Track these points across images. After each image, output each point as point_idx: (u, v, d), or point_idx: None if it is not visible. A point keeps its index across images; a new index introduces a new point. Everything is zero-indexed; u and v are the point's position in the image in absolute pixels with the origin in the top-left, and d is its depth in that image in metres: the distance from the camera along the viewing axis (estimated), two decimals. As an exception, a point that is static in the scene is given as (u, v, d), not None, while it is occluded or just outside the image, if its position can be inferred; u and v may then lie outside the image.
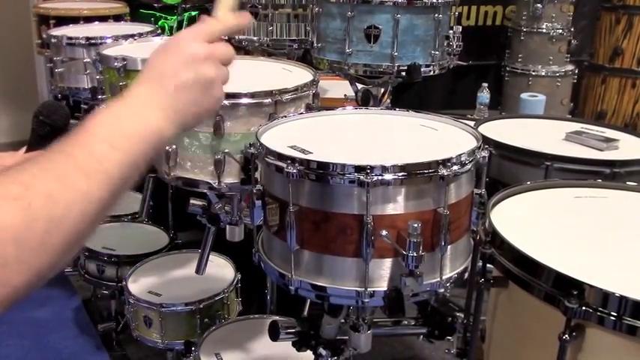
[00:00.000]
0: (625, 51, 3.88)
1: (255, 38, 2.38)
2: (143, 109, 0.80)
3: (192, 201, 1.80)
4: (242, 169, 1.50)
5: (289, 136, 1.31)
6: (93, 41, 2.39)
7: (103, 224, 2.69)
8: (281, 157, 1.16)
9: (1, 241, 0.62)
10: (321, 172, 1.12)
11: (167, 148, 1.55)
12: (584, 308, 0.89)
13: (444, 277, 1.20)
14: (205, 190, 1.63)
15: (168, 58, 0.85)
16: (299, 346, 1.46)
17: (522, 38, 3.89)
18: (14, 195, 0.65)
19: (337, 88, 2.68)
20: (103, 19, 2.90)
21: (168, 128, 0.81)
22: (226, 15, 0.93)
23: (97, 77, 2.11)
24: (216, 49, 0.87)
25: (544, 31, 3.81)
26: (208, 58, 0.85)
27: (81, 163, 0.71)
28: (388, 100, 2.21)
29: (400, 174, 1.11)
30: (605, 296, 0.88)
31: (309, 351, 1.46)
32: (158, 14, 3.61)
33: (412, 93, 3.77)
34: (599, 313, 0.89)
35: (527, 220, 1.20)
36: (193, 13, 3.73)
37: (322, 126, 1.43)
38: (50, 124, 1.24)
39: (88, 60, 2.38)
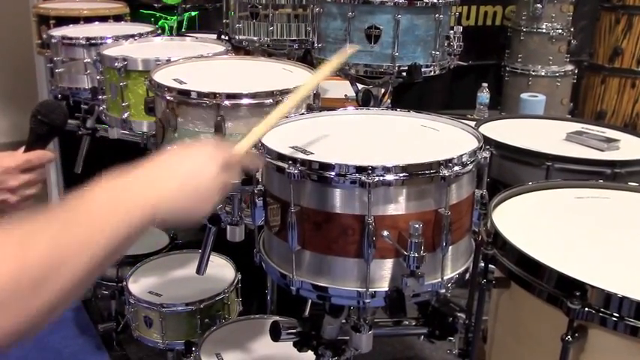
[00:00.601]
0: (625, 51, 3.88)
1: (255, 38, 2.38)
2: (137, 198, 0.84)
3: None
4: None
5: (290, 136, 1.30)
6: (93, 41, 2.39)
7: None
8: (282, 157, 1.16)
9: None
10: (323, 173, 1.12)
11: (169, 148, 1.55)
12: (586, 309, 0.89)
13: (445, 278, 1.20)
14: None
15: (184, 163, 0.94)
16: (300, 346, 1.46)
17: (522, 38, 3.89)
18: (18, 239, 0.68)
19: (338, 88, 2.67)
20: (103, 19, 2.90)
21: (161, 222, 0.87)
22: (246, 152, 1.06)
23: (98, 77, 2.11)
24: (229, 184, 0.99)
25: (544, 31, 3.82)
26: (222, 190, 0.96)
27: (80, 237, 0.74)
28: (389, 101, 2.20)
29: (401, 174, 1.11)
30: (608, 297, 0.88)
31: (310, 351, 1.46)
32: (158, 14, 3.61)
33: (412, 93, 3.78)
34: (601, 314, 0.88)
35: (529, 221, 1.20)
36: (193, 14, 3.73)
37: (323, 126, 1.43)
38: (48, 124, 1.24)
39: (88, 60, 2.37)
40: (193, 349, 2.00)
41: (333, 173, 1.11)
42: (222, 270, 2.34)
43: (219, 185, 0.95)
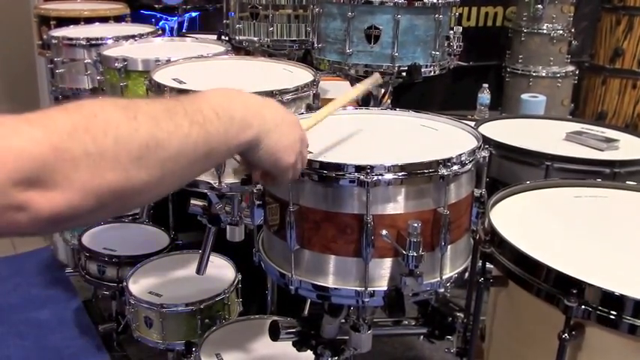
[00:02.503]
0: (625, 52, 3.89)
1: (255, 39, 2.38)
2: (251, 109, 0.88)
3: (192, 201, 1.80)
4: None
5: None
6: (93, 42, 2.40)
7: (103, 225, 2.70)
8: (281, 156, 1.16)
9: (103, 132, 0.65)
10: (322, 172, 1.12)
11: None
12: (583, 307, 0.89)
13: (444, 277, 1.20)
14: (206, 191, 1.63)
15: (285, 111, 0.97)
16: (299, 346, 1.46)
17: (523, 39, 3.89)
18: (123, 105, 0.70)
19: (338, 88, 2.67)
20: (103, 20, 2.91)
21: (255, 138, 0.88)
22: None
23: (98, 78, 2.12)
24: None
25: (544, 32, 3.81)
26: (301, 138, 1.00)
27: (189, 111, 0.76)
28: (389, 101, 2.21)
29: (400, 174, 1.11)
30: (605, 295, 0.88)
31: (309, 351, 1.46)
32: (159, 15, 3.62)
33: (413, 94, 3.78)
34: (598, 312, 0.89)
35: (527, 220, 1.20)
36: (194, 14, 3.74)
37: (322, 126, 1.43)
38: None
39: (89, 61, 2.38)
40: (193, 349, 2.01)
41: (332, 172, 1.11)
42: (222, 270, 2.35)
43: (298, 147, 0.99)
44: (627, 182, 1.37)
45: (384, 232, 1.12)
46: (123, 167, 0.67)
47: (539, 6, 3.74)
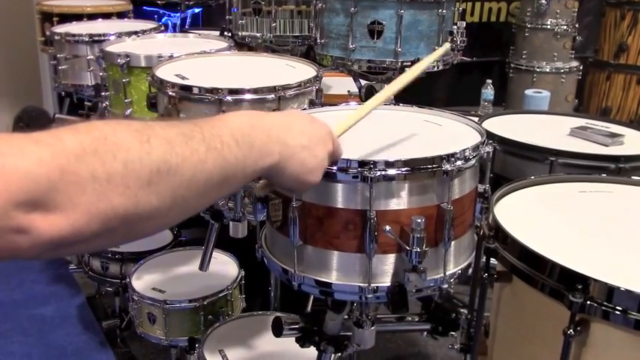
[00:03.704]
0: (630, 47, 3.87)
1: (258, 35, 2.38)
2: (272, 135, 0.85)
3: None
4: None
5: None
6: (96, 38, 2.40)
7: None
8: (284, 152, 1.16)
9: (113, 155, 0.64)
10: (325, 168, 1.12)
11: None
12: (588, 302, 0.89)
13: (447, 273, 1.19)
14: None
15: (312, 126, 0.94)
16: (302, 342, 1.45)
17: (527, 34, 3.87)
18: (136, 127, 0.68)
19: (341, 84, 2.68)
20: (106, 16, 2.91)
21: (274, 166, 0.86)
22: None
23: (101, 74, 2.12)
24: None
25: (548, 27, 3.80)
26: (328, 152, 0.97)
27: (206, 136, 0.74)
28: (392, 96, 2.20)
29: (404, 169, 1.10)
30: (610, 290, 0.88)
31: (312, 347, 1.46)
32: (161, 11, 3.61)
33: (416, 89, 3.76)
34: (603, 308, 0.88)
35: (531, 215, 1.19)
36: (196, 10, 3.73)
37: (326, 122, 1.42)
38: (31, 131, 1.22)
39: (92, 57, 2.38)
40: (197, 345, 2.01)
41: (335, 168, 1.11)
42: (225, 267, 2.35)
43: (326, 163, 0.97)
44: (632, 177, 1.36)
45: (388, 227, 1.11)
46: (132, 192, 0.65)
47: (543, 1, 3.73)
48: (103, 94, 2.12)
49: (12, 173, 0.57)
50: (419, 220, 1.08)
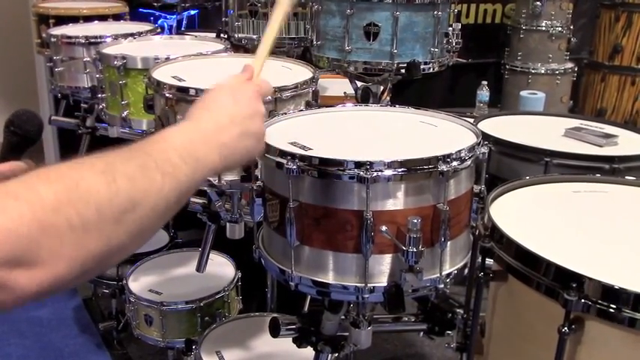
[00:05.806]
0: (624, 48, 3.88)
1: (254, 36, 2.38)
2: (211, 142, 0.89)
3: (192, 199, 1.80)
4: (242, 166, 1.50)
5: (289, 132, 1.31)
6: (92, 40, 2.39)
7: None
8: (281, 153, 1.17)
9: (86, 203, 0.66)
10: (321, 168, 1.12)
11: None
12: (583, 301, 0.89)
13: (443, 273, 1.20)
14: (205, 188, 1.64)
15: (238, 106, 0.98)
16: (299, 342, 1.46)
17: (522, 36, 3.89)
18: (100, 169, 0.70)
19: (337, 86, 2.68)
20: (102, 18, 2.90)
21: (220, 167, 0.92)
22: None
23: (97, 76, 2.12)
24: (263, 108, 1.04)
25: (543, 28, 3.81)
26: (263, 116, 1.02)
27: (159, 163, 0.78)
28: (388, 98, 2.21)
29: (400, 170, 1.11)
30: (605, 288, 0.88)
31: (309, 347, 1.46)
32: (157, 13, 3.61)
33: (412, 91, 3.77)
34: (598, 306, 0.89)
35: (527, 214, 1.20)
36: (193, 12, 3.74)
37: (322, 123, 1.43)
38: (22, 135, 1.21)
39: (88, 59, 2.38)
40: (193, 347, 2.01)
41: (332, 169, 1.12)
42: (222, 268, 2.35)
43: (263, 126, 1.01)
44: (626, 177, 1.37)
45: (384, 228, 1.12)
46: (104, 234, 0.68)
47: (538, 3, 3.74)
48: (99, 96, 2.12)
49: None
50: (415, 221, 1.09)
